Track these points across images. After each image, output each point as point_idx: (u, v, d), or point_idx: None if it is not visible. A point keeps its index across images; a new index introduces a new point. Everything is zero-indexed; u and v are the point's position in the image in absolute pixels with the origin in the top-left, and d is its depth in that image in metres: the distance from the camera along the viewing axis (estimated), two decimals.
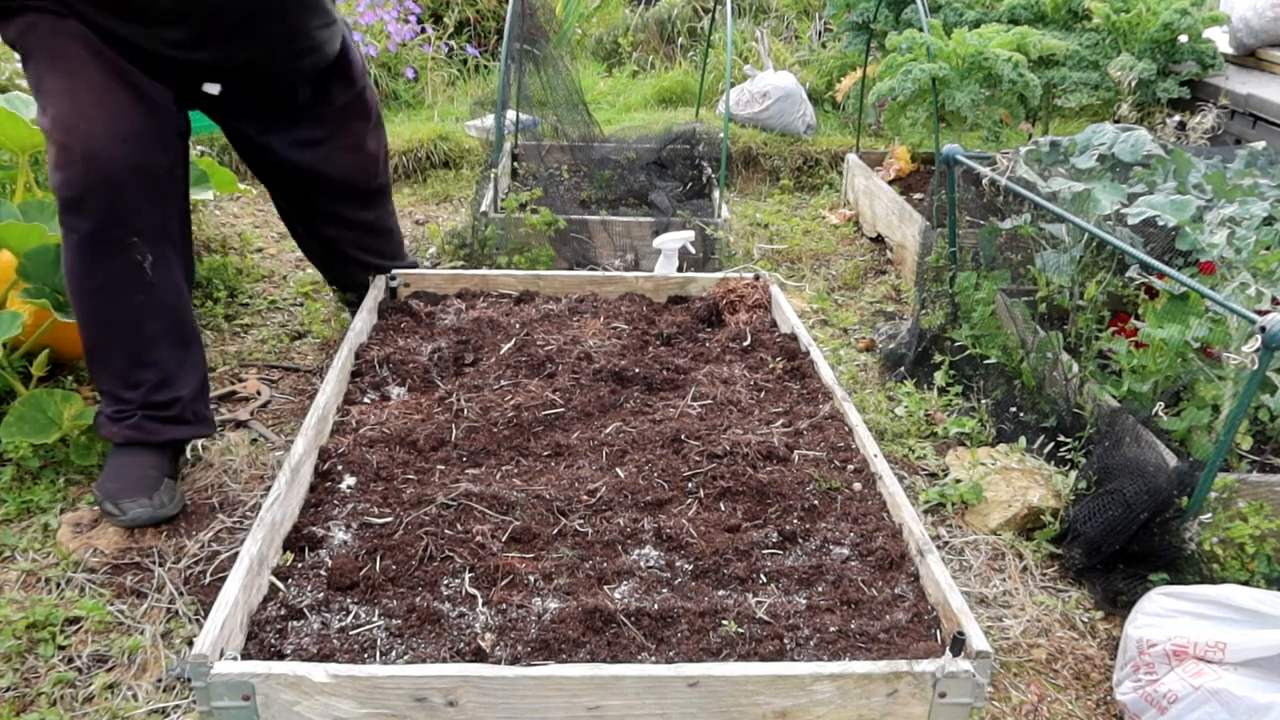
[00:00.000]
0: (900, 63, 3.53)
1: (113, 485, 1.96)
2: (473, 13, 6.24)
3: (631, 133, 4.53)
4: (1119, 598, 1.92)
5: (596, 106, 5.49)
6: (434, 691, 1.30)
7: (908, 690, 1.35)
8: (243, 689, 1.29)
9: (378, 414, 2.00)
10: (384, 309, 2.56)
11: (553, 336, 2.36)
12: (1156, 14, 3.93)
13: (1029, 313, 2.60)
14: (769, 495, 1.75)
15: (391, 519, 1.68)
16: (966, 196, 2.99)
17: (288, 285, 3.39)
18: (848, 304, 3.45)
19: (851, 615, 1.50)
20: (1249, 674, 1.55)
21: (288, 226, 2.70)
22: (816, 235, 4.13)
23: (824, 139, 5.03)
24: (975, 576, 2.02)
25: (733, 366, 2.26)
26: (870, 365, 2.95)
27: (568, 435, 1.94)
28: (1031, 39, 3.63)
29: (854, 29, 4.86)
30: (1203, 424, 2.05)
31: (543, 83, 3.83)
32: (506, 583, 1.53)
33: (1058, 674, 1.79)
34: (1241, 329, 2.02)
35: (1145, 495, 1.87)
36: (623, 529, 1.66)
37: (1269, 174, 2.59)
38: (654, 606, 1.48)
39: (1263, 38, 4.27)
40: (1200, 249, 2.18)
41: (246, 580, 1.44)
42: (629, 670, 1.33)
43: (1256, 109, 3.88)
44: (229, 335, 2.96)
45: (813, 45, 6.14)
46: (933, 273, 2.83)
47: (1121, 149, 2.60)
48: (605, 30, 7.02)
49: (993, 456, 2.29)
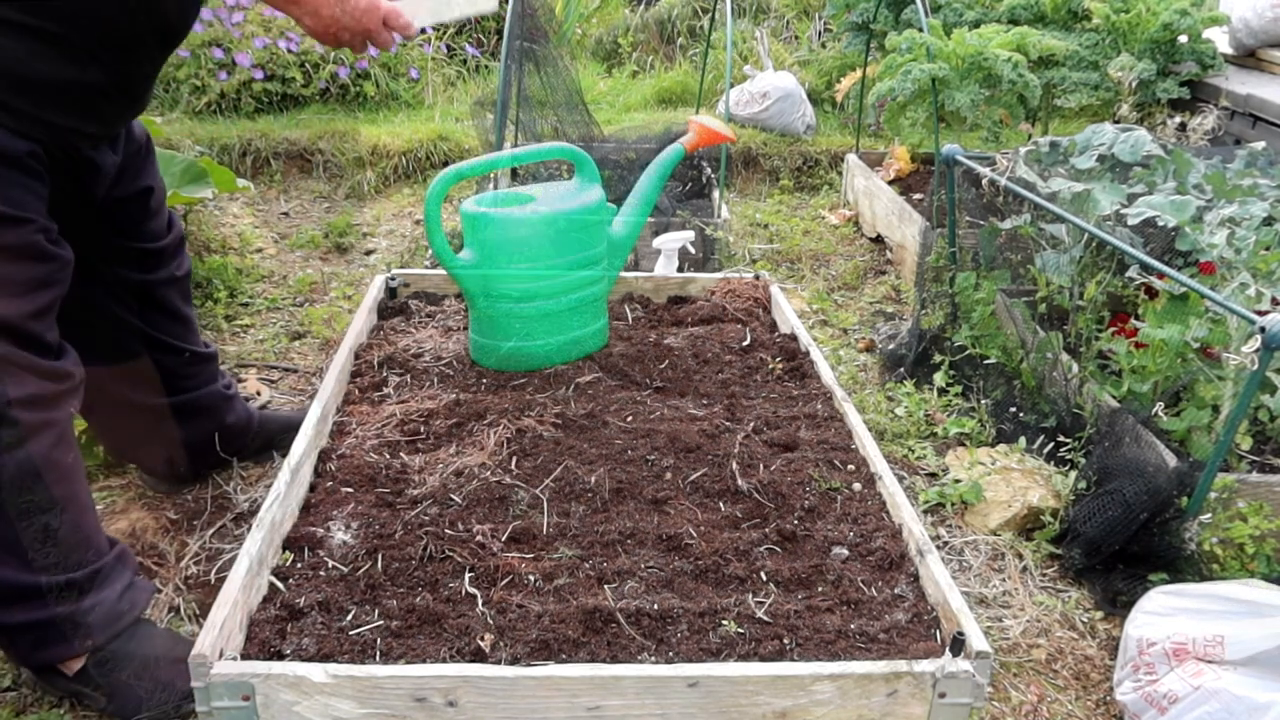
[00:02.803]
0: (900, 63, 3.53)
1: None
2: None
3: (631, 133, 4.53)
4: (1119, 598, 1.92)
5: (596, 106, 5.49)
6: (434, 691, 1.30)
7: (907, 690, 1.35)
8: (242, 689, 1.29)
9: (377, 414, 2.00)
10: (384, 309, 2.56)
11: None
12: (1156, 14, 3.93)
13: (1029, 313, 2.60)
14: (769, 495, 1.75)
15: (391, 519, 1.68)
16: (966, 197, 2.99)
17: (288, 285, 3.39)
18: (847, 304, 3.45)
19: (851, 615, 1.50)
20: (1249, 673, 1.55)
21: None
22: (816, 235, 4.13)
23: (824, 139, 5.03)
24: (975, 577, 2.02)
25: (732, 367, 2.26)
26: (870, 365, 2.95)
27: (566, 435, 1.94)
28: (1031, 39, 3.63)
29: (854, 29, 4.86)
30: (1202, 424, 2.05)
31: (543, 83, 3.83)
32: (506, 583, 1.53)
33: (1057, 674, 1.80)
34: (1241, 329, 2.02)
35: (1145, 495, 1.87)
36: (623, 529, 1.66)
37: (1269, 174, 2.59)
38: (654, 606, 1.48)
39: (1262, 38, 4.27)
40: (1200, 249, 2.18)
41: (246, 580, 1.44)
42: (629, 670, 1.33)
43: (1256, 109, 3.88)
44: (229, 335, 2.96)
45: (812, 45, 6.14)
46: (933, 273, 2.83)
47: (1121, 149, 2.61)
48: (605, 30, 7.02)
49: (992, 456, 2.29)
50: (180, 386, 2.04)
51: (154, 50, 1.64)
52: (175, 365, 2.01)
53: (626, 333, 2.42)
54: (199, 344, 2.09)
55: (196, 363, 2.07)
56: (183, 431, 2.07)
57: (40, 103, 1.44)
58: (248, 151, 4.62)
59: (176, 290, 2.00)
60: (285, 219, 4.23)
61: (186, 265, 2.04)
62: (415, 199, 4.45)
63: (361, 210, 4.37)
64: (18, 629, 1.53)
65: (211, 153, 4.29)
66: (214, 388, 2.13)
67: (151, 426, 2.03)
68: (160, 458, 2.10)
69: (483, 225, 2.09)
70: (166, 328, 1.98)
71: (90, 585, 1.57)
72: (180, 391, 2.04)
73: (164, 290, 1.96)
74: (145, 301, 1.92)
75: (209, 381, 2.11)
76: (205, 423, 2.11)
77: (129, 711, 1.58)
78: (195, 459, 2.12)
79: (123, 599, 1.62)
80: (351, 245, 3.89)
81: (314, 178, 4.66)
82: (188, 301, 2.06)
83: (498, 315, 2.13)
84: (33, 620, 1.52)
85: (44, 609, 1.53)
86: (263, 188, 4.53)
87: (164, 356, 1.99)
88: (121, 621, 1.61)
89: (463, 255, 2.11)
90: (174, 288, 1.98)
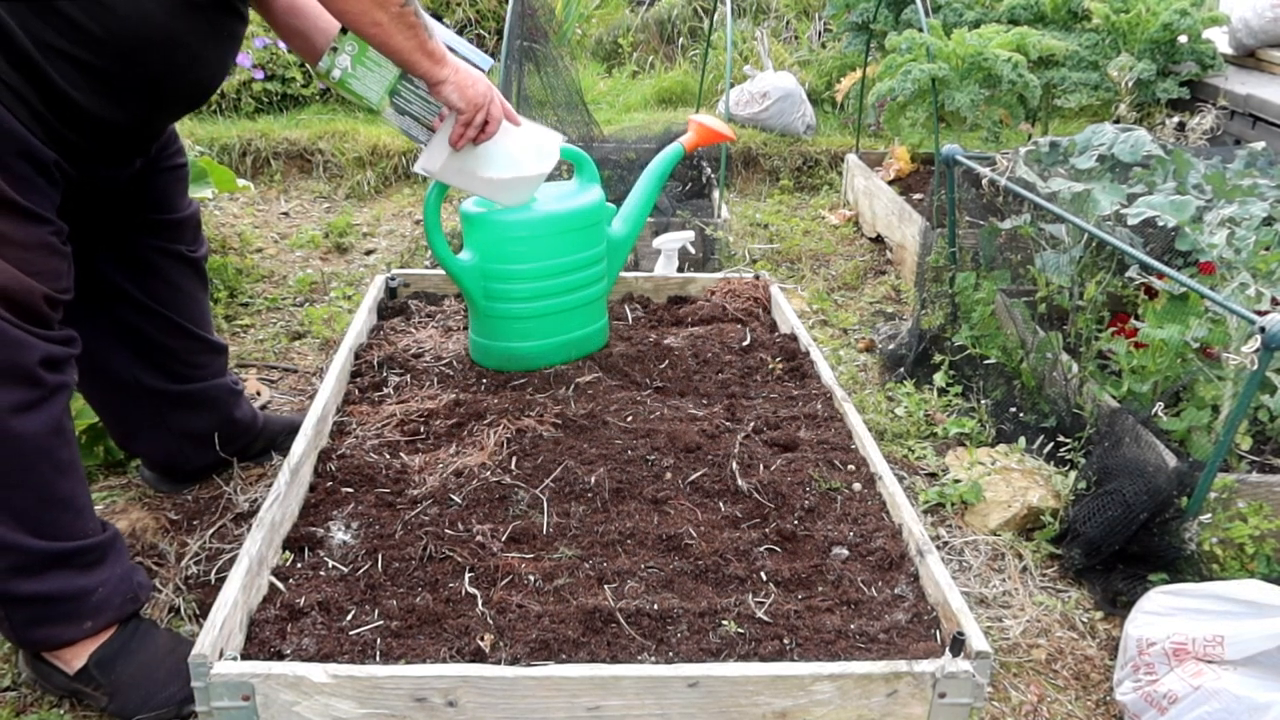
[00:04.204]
0: (900, 63, 3.53)
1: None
2: (473, 13, 6.23)
3: (631, 133, 4.53)
4: (1119, 598, 1.92)
5: (596, 107, 5.49)
6: (434, 691, 1.30)
7: (907, 690, 1.35)
8: (242, 689, 1.29)
9: (377, 414, 2.00)
10: (384, 309, 2.56)
11: None
12: (1156, 14, 3.93)
13: (1029, 313, 2.60)
14: (769, 495, 1.75)
15: (391, 519, 1.68)
16: (966, 197, 2.99)
17: (288, 285, 3.39)
18: (847, 304, 3.45)
19: (851, 615, 1.50)
20: (1249, 673, 1.55)
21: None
22: (816, 235, 4.13)
23: (824, 139, 5.03)
24: (975, 577, 2.02)
25: (732, 367, 2.26)
26: (870, 365, 2.95)
27: (566, 435, 1.94)
28: (1031, 39, 3.63)
29: (854, 29, 4.86)
30: (1202, 424, 2.05)
31: (543, 83, 3.83)
32: (506, 583, 1.54)
33: (1057, 674, 1.80)
34: (1241, 329, 2.02)
35: (1145, 495, 1.87)
36: (623, 529, 1.66)
37: (1269, 174, 2.59)
38: (654, 606, 1.48)
39: (1262, 38, 4.27)
40: (1200, 249, 2.18)
41: (246, 580, 1.44)
42: (629, 670, 1.33)
43: (1256, 109, 3.89)
44: (229, 335, 2.96)
45: (812, 45, 6.14)
46: (933, 273, 2.83)
47: (1121, 149, 2.61)
48: (605, 30, 7.01)
49: (992, 457, 2.29)
50: (188, 375, 2.03)
51: (181, 106, 1.69)
52: (184, 350, 2.00)
53: (626, 333, 2.42)
54: (211, 333, 2.09)
55: (207, 352, 2.06)
56: (187, 423, 2.07)
57: (69, 125, 1.48)
58: (248, 151, 4.62)
59: (193, 270, 2.00)
60: (285, 219, 4.23)
61: (204, 249, 2.05)
62: (415, 199, 4.45)
63: (361, 210, 4.37)
64: (22, 601, 1.52)
65: (211, 152, 4.29)
66: (222, 382, 2.12)
67: (157, 412, 2.02)
68: (163, 447, 2.09)
69: (482, 226, 2.09)
70: (180, 308, 1.97)
71: (95, 558, 1.58)
72: (188, 380, 2.03)
73: (180, 266, 1.96)
74: (159, 277, 1.93)
75: (218, 375, 2.11)
76: (210, 416, 2.11)
77: (129, 711, 1.58)
78: (198, 454, 2.12)
79: (124, 585, 1.62)
80: (351, 245, 3.89)
81: (314, 178, 4.66)
82: (204, 287, 2.06)
83: (497, 315, 2.13)
84: (38, 593, 1.52)
85: (52, 581, 1.52)
86: (263, 188, 4.53)
87: (174, 339, 1.98)
88: (123, 609, 1.61)
89: (462, 256, 2.11)
90: (190, 267, 1.99)
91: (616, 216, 2.28)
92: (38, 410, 1.47)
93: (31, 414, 1.46)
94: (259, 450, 2.26)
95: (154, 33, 1.48)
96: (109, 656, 1.59)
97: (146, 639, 1.63)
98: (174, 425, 2.05)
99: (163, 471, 2.17)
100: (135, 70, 1.50)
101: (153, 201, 1.87)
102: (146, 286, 1.91)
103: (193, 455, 2.12)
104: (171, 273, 1.95)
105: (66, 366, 1.55)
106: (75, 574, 1.55)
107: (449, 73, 1.73)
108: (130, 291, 1.89)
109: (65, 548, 1.53)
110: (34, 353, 1.46)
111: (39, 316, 1.48)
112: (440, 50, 1.71)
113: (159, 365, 1.98)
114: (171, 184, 1.90)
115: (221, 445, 2.12)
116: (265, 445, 2.27)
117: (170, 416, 2.04)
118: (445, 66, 1.72)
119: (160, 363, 1.98)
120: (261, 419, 2.26)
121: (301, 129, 4.77)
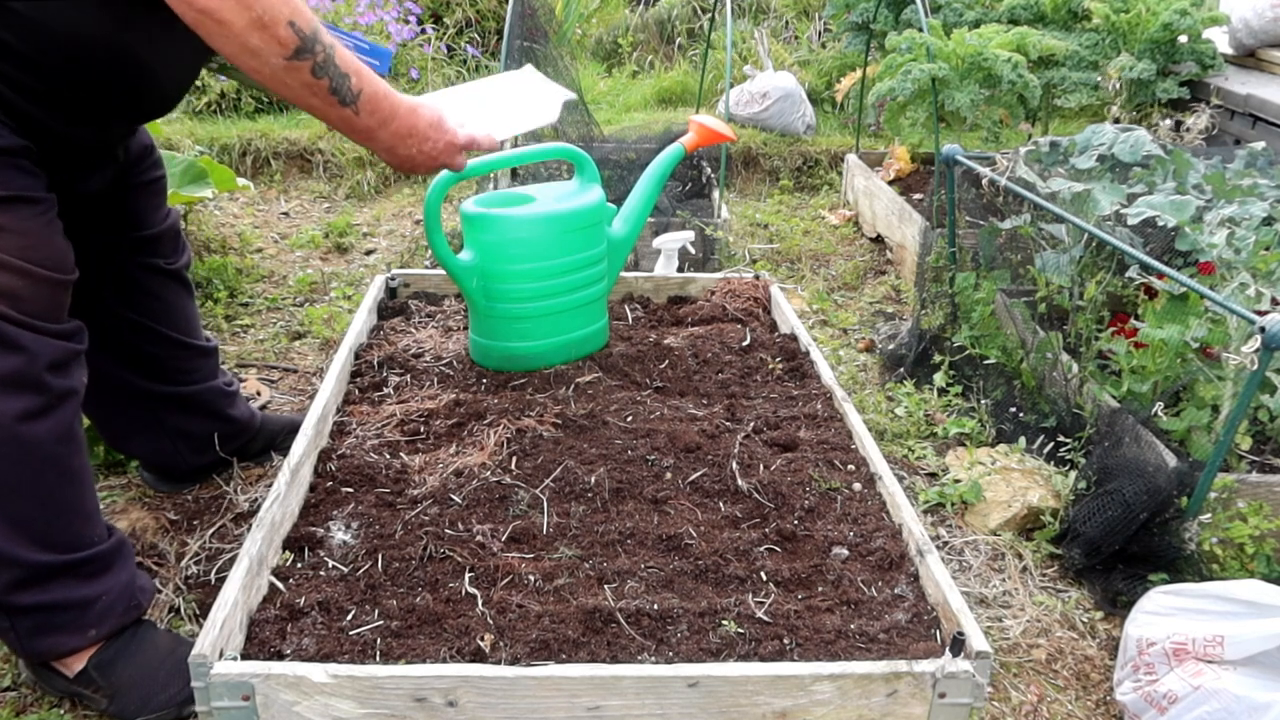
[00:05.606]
0: (900, 63, 3.53)
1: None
2: (473, 13, 6.24)
3: (631, 133, 4.53)
4: (1119, 598, 1.92)
5: (596, 106, 5.49)
6: (434, 691, 1.30)
7: (907, 690, 1.35)
8: (242, 689, 1.29)
9: (377, 414, 2.00)
10: (384, 309, 2.56)
11: None
12: (1156, 14, 3.93)
13: (1029, 313, 2.60)
14: (769, 495, 1.75)
15: (391, 519, 1.68)
16: (966, 197, 2.99)
17: (288, 285, 3.39)
18: (847, 304, 3.45)
19: (851, 615, 1.50)
20: (1249, 673, 1.55)
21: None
22: (816, 235, 4.13)
23: (824, 139, 5.04)
24: (975, 577, 2.02)
25: (732, 367, 2.26)
26: (870, 365, 2.95)
27: (566, 435, 1.94)
28: (1031, 39, 3.63)
29: (854, 29, 4.87)
30: (1202, 424, 2.05)
31: None
32: (506, 583, 1.53)
33: (1057, 674, 1.80)
34: (1241, 329, 2.02)
35: (1145, 495, 1.87)
36: (623, 529, 1.66)
37: (1268, 174, 2.59)
38: (654, 606, 1.48)
39: (1262, 38, 4.28)
40: (1200, 249, 2.18)
41: (246, 580, 1.44)
42: (629, 670, 1.33)
43: (1256, 109, 3.89)
44: (229, 335, 2.96)
45: (812, 45, 6.15)
46: (933, 273, 2.83)
47: (1121, 149, 2.61)
48: (605, 30, 7.02)
49: (992, 456, 2.29)
50: (178, 379, 2.02)
51: (138, 115, 1.66)
52: (171, 357, 1.99)
53: (626, 333, 2.42)
54: (199, 338, 2.07)
55: (196, 357, 2.05)
56: (180, 424, 2.06)
57: (27, 133, 1.45)
58: (248, 151, 4.62)
59: (174, 280, 1.98)
60: (285, 219, 4.23)
61: (185, 257, 2.02)
62: (415, 199, 4.45)
63: (361, 210, 4.37)
64: (26, 611, 1.52)
65: (211, 152, 4.29)
66: (214, 384, 2.12)
67: (150, 413, 2.02)
68: (157, 448, 2.08)
69: (482, 225, 2.09)
70: (163, 317, 1.96)
71: (99, 567, 1.57)
72: (178, 383, 2.03)
73: (160, 278, 1.94)
74: (140, 289, 1.91)
75: (209, 377, 2.10)
76: (204, 417, 2.10)
77: (130, 713, 1.58)
78: (193, 454, 2.12)
79: (127, 592, 1.62)
80: (351, 245, 3.89)
81: (314, 178, 4.66)
82: (188, 293, 2.04)
83: (497, 316, 2.13)
84: (41, 603, 1.51)
85: (56, 590, 1.52)
86: (263, 187, 4.53)
87: (160, 348, 1.97)
88: (126, 616, 1.61)
89: (462, 256, 2.11)
90: (171, 278, 1.97)
91: (617, 217, 2.28)
92: (45, 417, 1.46)
93: (39, 421, 1.45)
94: (258, 450, 2.26)
95: (93, 47, 1.42)
96: (109, 658, 1.59)
97: (146, 640, 1.63)
98: (167, 427, 2.05)
99: (160, 472, 2.16)
100: (78, 85, 1.45)
101: (129, 219, 1.86)
102: (128, 299, 1.90)
103: (188, 456, 2.12)
104: (152, 284, 1.93)
105: (74, 367, 1.53)
106: (79, 583, 1.55)
107: (383, 134, 1.55)
108: (112, 305, 1.88)
109: (69, 559, 1.52)
110: (40, 358, 1.45)
111: (47, 308, 1.47)
112: (385, 106, 1.51)
113: (147, 371, 1.97)
114: (147, 199, 1.88)
115: (219, 445, 2.12)
116: (264, 445, 2.26)
117: (162, 418, 2.04)
118: (381, 122, 1.54)
119: (148, 368, 1.97)
120: (259, 418, 2.26)
121: (301, 129, 4.77)
